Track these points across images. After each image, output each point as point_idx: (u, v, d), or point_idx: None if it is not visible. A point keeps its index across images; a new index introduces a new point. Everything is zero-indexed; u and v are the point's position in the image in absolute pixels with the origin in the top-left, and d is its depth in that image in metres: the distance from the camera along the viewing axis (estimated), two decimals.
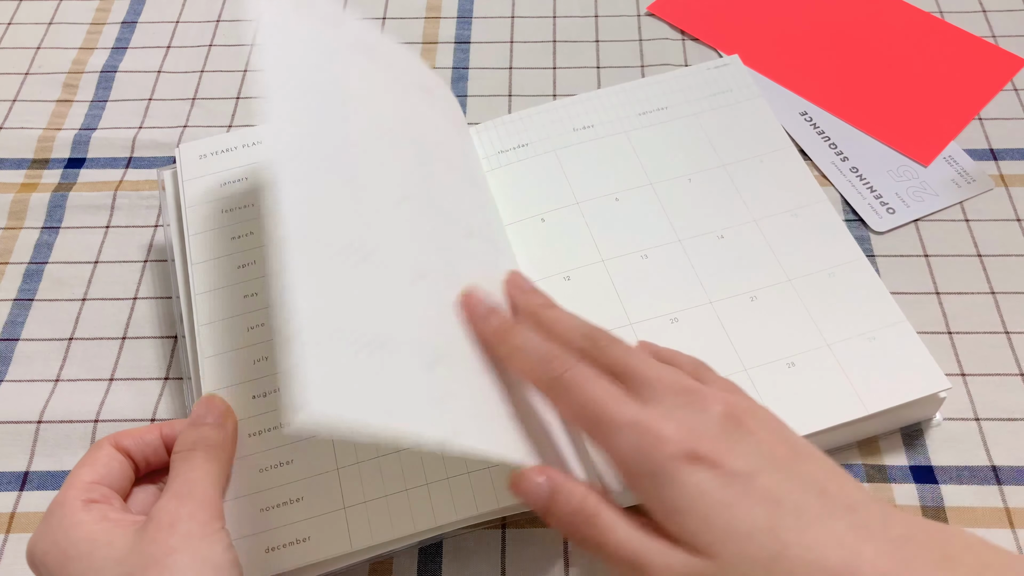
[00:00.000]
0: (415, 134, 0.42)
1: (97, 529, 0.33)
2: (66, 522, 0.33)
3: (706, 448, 0.30)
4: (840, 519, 0.29)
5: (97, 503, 0.34)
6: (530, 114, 0.51)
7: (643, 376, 0.33)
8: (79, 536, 0.33)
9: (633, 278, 0.45)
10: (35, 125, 0.57)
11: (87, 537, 0.33)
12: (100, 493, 0.35)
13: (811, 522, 0.29)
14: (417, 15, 0.62)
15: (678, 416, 0.31)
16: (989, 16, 0.60)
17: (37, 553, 0.33)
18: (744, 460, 0.30)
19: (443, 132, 0.45)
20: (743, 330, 0.43)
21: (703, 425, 0.31)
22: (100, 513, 0.34)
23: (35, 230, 0.52)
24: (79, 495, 0.34)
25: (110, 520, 0.33)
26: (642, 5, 0.62)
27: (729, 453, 0.30)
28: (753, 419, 0.32)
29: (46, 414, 0.45)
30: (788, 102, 0.56)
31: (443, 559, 0.40)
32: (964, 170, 0.52)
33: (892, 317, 0.44)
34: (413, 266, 0.36)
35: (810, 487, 0.30)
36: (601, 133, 0.51)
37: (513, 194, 0.48)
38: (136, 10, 0.63)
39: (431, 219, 0.39)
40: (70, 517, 0.33)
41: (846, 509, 0.30)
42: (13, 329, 0.48)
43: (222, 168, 0.47)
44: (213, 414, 0.38)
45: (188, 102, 0.57)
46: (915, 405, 0.41)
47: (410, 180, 0.40)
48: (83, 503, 0.34)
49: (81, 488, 0.34)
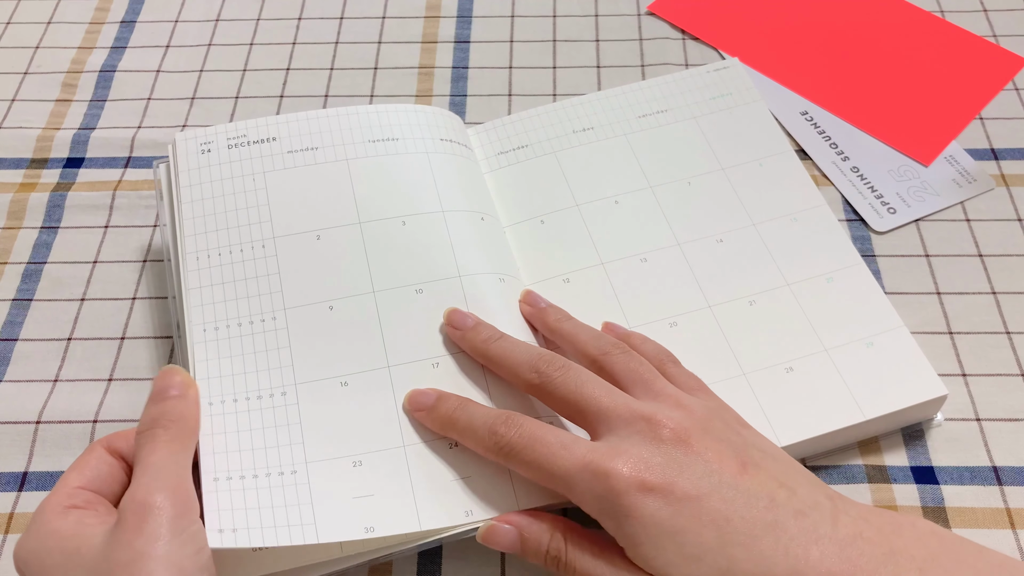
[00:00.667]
0: None
1: (70, 537, 0.32)
2: (43, 530, 0.33)
3: (655, 477, 0.32)
4: (788, 526, 0.31)
5: (77, 509, 0.34)
6: (530, 115, 0.51)
7: (595, 409, 0.35)
8: (52, 545, 0.32)
9: (632, 281, 0.45)
10: (34, 125, 0.56)
11: (59, 547, 0.32)
12: (83, 499, 0.34)
13: (759, 535, 0.31)
14: (417, 15, 0.62)
15: (627, 447, 0.33)
16: (990, 15, 0.60)
17: (20, 558, 0.33)
18: (693, 483, 0.32)
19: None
20: (741, 334, 0.43)
21: (651, 454, 0.33)
22: (76, 520, 0.33)
23: (34, 230, 0.51)
24: (61, 501, 0.34)
25: (85, 526, 0.33)
26: (642, 4, 0.62)
27: (678, 478, 0.32)
28: (703, 436, 0.34)
29: (45, 414, 0.45)
30: (789, 102, 0.56)
31: (443, 559, 0.40)
32: (965, 170, 0.52)
33: (889, 322, 0.44)
34: None
35: (759, 499, 0.32)
36: (601, 136, 0.50)
37: (512, 196, 0.48)
38: (135, 9, 0.63)
39: None
40: (47, 525, 0.33)
41: (795, 515, 0.32)
42: (12, 329, 0.48)
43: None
44: (175, 386, 0.37)
45: (187, 101, 0.57)
46: (913, 408, 0.41)
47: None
48: (63, 510, 0.33)
49: (64, 494, 0.34)
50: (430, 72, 0.58)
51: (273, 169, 0.45)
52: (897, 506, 0.41)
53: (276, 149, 0.46)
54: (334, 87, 0.58)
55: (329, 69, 0.59)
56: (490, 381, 0.40)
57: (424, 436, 0.39)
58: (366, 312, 0.41)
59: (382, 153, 0.46)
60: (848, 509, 0.33)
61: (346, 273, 0.42)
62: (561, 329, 0.41)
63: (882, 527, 0.32)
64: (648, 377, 0.37)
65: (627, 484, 0.32)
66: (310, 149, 0.46)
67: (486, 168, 0.49)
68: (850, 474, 0.42)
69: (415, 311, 0.42)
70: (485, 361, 0.40)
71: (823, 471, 0.42)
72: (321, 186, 0.45)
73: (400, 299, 0.42)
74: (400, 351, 0.41)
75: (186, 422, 0.36)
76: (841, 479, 0.41)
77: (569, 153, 0.50)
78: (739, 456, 0.33)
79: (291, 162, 0.46)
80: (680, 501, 0.31)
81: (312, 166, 0.46)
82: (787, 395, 0.41)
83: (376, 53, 0.60)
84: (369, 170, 0.46)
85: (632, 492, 0.32)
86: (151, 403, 0.36)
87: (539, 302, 0.43)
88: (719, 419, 0.35)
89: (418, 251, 0.43)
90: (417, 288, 0.42)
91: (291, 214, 0.44)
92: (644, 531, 0.31)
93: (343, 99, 0.57)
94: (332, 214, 0.44)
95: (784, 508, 0.32)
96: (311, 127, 0.47)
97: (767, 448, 0.35)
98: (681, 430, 0.33)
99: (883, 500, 0.41)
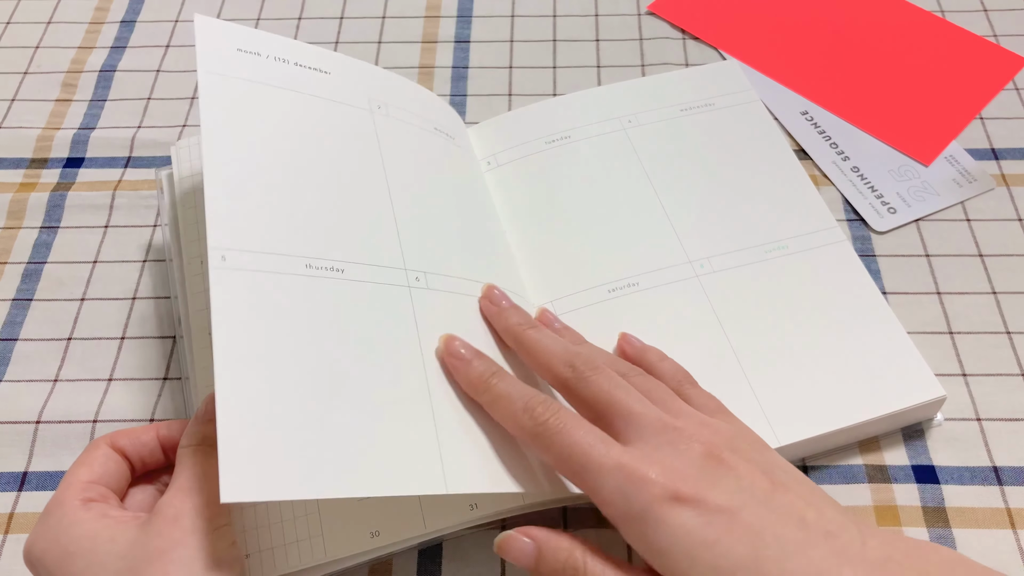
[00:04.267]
0: None
1: (98, 526, 0.33)
2: (66, 520, 0.33)
3: (688, 488, 0.31)
4: (819, 546, 0.31)
5: (96, 502, 0.34)
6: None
7: (626, 413, 0.34)
8: (79, 533, 0.33)
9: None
10: (34, 124, 0.56)
11: (88, 534, 0.33)
12: (98, 492, 0.35)
13: (791, 553, 0.30)
14: (417, 14, 0.62)
15: (660, 457, 0.33)
16: (990, 15, 0.60)
17: (35, 552, 0.33)
18: (725, 497, 0.32)
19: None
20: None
21: (685, 465, 0.32)
22: (100, 511, 0.34)
23: (34, 230, 0.51)
24: (77, 494, 0.34)
25: (110, 517, 0.33)
26: (642, 4, 0.62)
27: (711, 491, 0.32)
28: (732, 454, 0.33)
29: (45, 414, 0.45)
30: (789, 101, 0.56)
31: (443, 559, 0.40)
32: (965, 170, 0.52)
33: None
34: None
35: (790, 517, 0.31)
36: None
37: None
38: (135, 9, 0.63)
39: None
40: (70, 516, 0.33)
41: (825, 536, 0.31)
42: (12, 329, 0.48)
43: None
44: None
45: (187, 101, 0.57)
46: (912, 409, 0.41)
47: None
48: (82, 502, 0.34)
49: (79, 488, 0.34)
50: (430, 72, 0.58)
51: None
52: (897, 506, 0.41)
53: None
54: None
55: None
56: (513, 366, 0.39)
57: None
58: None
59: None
60: (875, 533, 0.32)
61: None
62: (579, 352, 0.40)
63: (908, 551, 0.32)
64: (667, 400, 0.37)
65: (661, 492, 0.31)
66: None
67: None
68: (850, 474, 0.42)
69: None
70: (516, 346, 0.39)
71: (823, 471, 0.42)
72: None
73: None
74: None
75: None
76: (841, 479, 0.41)
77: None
78: (768, 475, 0.33)
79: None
80: (712, 513, 0.31)
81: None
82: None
83: (376, 53, 0.60)
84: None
85: (665, 501, 0.31)
86: (198, 422, 0.36)
87: (554, 323, 0.42)
88: (743, 440, 0.35)
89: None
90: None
91: None
92: (676, 541, 0.31)
93: None
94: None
95: (814, 528, 0.31)
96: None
97: (790, 471, 0.35)
98: (712, 445, 0.33)
99: (883, 500, 0.41)
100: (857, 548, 0.31)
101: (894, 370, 0.42)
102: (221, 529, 0.33)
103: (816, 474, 0.42)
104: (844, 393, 0.41)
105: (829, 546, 0.31)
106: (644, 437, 0.34)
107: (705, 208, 0.48)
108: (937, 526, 0.40)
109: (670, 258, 0.46)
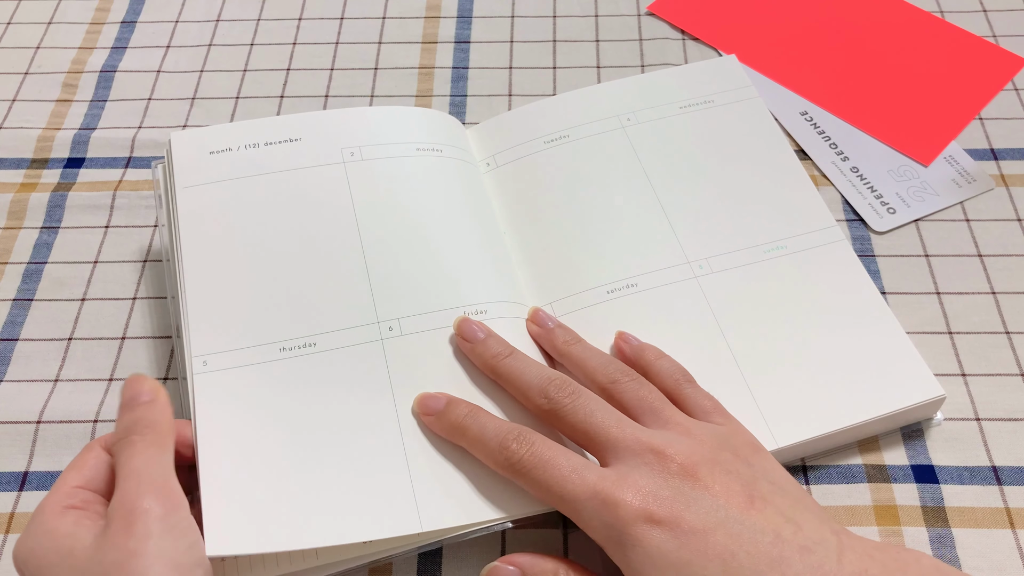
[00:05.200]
0: None
1: (65, 537, 0.33)
2: (41, 529, 0.33)
3: (663, 510, 0.32)
4: (794, 563, 0.31)
5: (75, 509, 0.34)
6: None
7: (604, 439, 0.35)
8: (48, 545, 0.33)
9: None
10: (34, 125, 0.57)
11: (54, 547, 0.32)
12: (81, 498, 0.34)
13: (764, 570, 0.31)
14: (417, 15, 0.62)
15: (635, 478, 0.33)
16: (989, 16, 0.60)
17: (20, 556, 0.33)
18: (700, 517, 0.32)
19: None
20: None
21: (659, 486, 0.33)
22: (74, 520, 0.33)
23: (34, 230, 0.52)
24: (59, 501, 0.34)
25: (81, 527, 0.33)
26: (642, 5, 0.62)
27: (685, 512, 0.32)
28: (711, 469, 0.34)
29: (45, 414, 0.45)
30: (788, 102, 0.56)
31: (443, 560, 0.40)
32: (965, 170, 0.52)
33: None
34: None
35: (764, 535, 0.32)
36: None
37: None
38: (135, 10, 0.63)
39: None
40: (44, 524, 0.33)
41: (800, 551, 0.32)
42: (12, 329, 0.48)
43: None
44: (144, 393, 0.37)
45: (188, 102, 0.57)
46: (911, 409, 0.41)
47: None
48: (61, 509, 0.34)
49: (63, 494, 0.34)
50: (430, 72, 0.58)
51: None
52: (897, 505, 0.41)
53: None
54: (334, 87, 0.58)
55: (329, 69, 0.59)
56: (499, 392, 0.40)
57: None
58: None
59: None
60: (854, 545, 0.33)
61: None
62: (570, 353, 0.41)
63: (887, 563, 0.32)
64: (657, 406, 0.37)
65: (635, 515, 0.32)
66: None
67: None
68: (850, 474, 0.42)
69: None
70: (495, 377, 0.40)
71: (823, 471, 0.42)
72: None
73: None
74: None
75: (160, 426, 0.36)
76: (841, 479, 0.42)
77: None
78: (747, 489, 0.33)
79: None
80: (686, 534, 0.32)
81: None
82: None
83: (376, 53, 0.60)
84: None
85: (639, 523, 0.32)
86: (123, 412, 0.36)
87: (547, 322, 0.42)
88: (729, 448, 0.35)
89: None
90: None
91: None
92: (650, 562, 0.32)
93: (343, 99, 0.57)
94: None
95: (790, 544, 0.32)
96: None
97: (777, 478, 0.35)
98: (689, 464, 0.34)
99: (883, 499, 0.41)
100: (833, 564, 0.31)
101: (893, 370, 0.42)
102: (176, 529, 0.32)
103: (816, 474, 0.42)
104: (843, 393, 0.41)
105: (804, 562, 0.31)
106: (622, 459, 0.35)
107: (704, 208, 0.48)
108: (936, 526, 0.40)
109: (669, 259, 0.46)
